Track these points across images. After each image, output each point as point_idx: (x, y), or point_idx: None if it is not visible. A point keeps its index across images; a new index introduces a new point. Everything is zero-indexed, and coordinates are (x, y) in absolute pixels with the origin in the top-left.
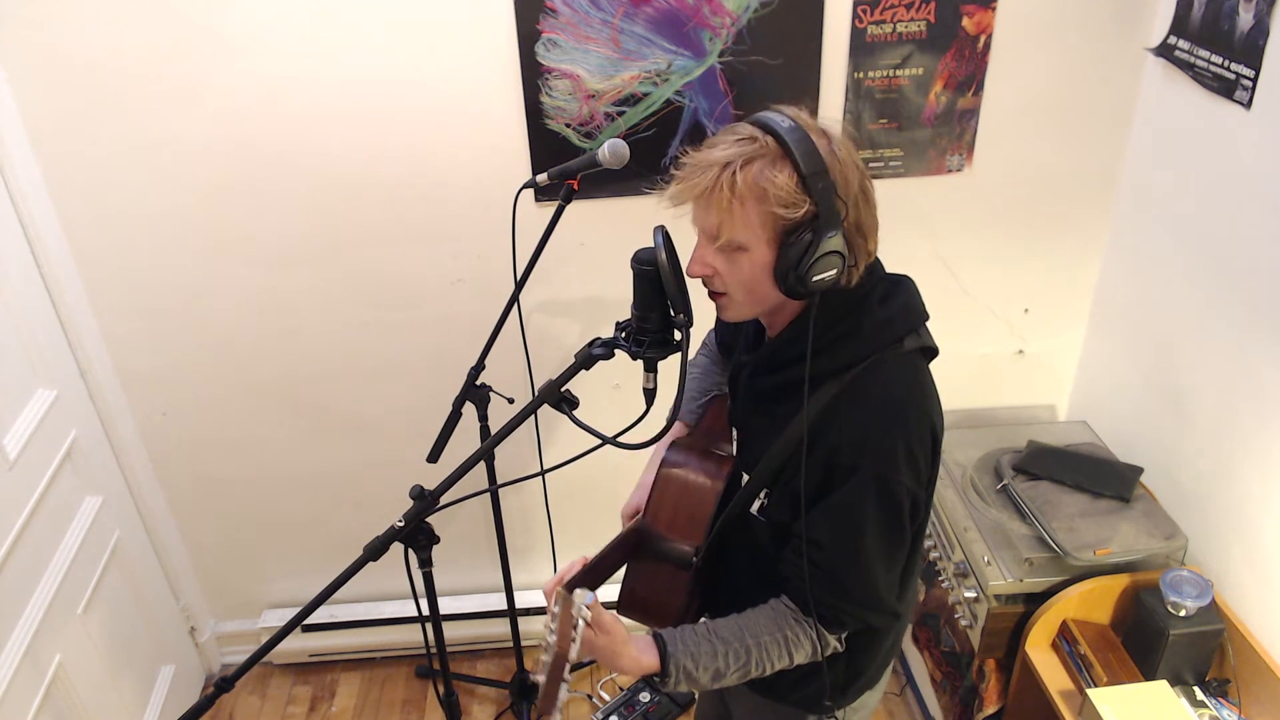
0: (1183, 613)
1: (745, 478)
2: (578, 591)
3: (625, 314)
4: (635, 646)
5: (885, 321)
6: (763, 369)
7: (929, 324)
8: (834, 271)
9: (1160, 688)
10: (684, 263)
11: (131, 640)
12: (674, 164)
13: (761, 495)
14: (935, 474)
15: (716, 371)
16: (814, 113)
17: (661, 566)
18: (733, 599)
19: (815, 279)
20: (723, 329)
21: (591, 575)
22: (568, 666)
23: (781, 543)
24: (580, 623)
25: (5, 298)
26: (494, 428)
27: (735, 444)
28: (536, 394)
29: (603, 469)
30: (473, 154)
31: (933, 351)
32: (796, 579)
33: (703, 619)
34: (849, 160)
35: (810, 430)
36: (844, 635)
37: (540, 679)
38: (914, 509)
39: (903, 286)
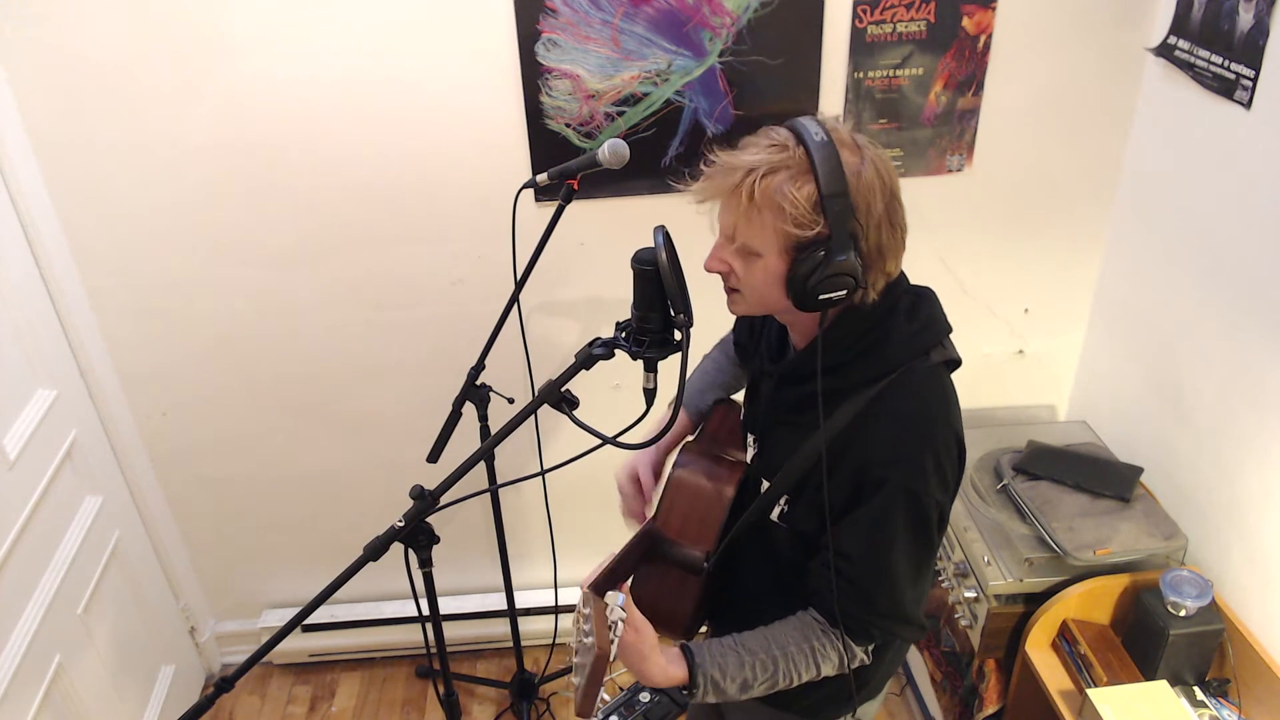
0: (1183, 613)
1: (764, 484)
2: (610, 594)
3: (625, 314)
4: (664, 656)
5: (913, 335)
6: (789, 380)
7: (951, 334)
8: (844, 291)
9: (1160, 688)
10: (684, 261)
11: (131, 640)
12: (676, 159)
13: (782, 502)
14: (959, 483)
15: (729, 370)
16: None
17: (671, 571)
18: (747, 604)
19: (823, 297)
20: (741, 330)
21: (610, 579)
22: (609, 666)
23: (802, 550)
24: (619, 623)
25: (5, 298)
26: (494, 428)
27: (754, 450)
28: (536, 394)
29: (603, 469)
30: (473, 154)
31: (956, 363)
32: (824, 591)
33: (703, 629)
34: (875, 183)
35: (838, 442)
36: (871, 648)
37: (577, 680)
38: (941, 520)
39: (926, 299)
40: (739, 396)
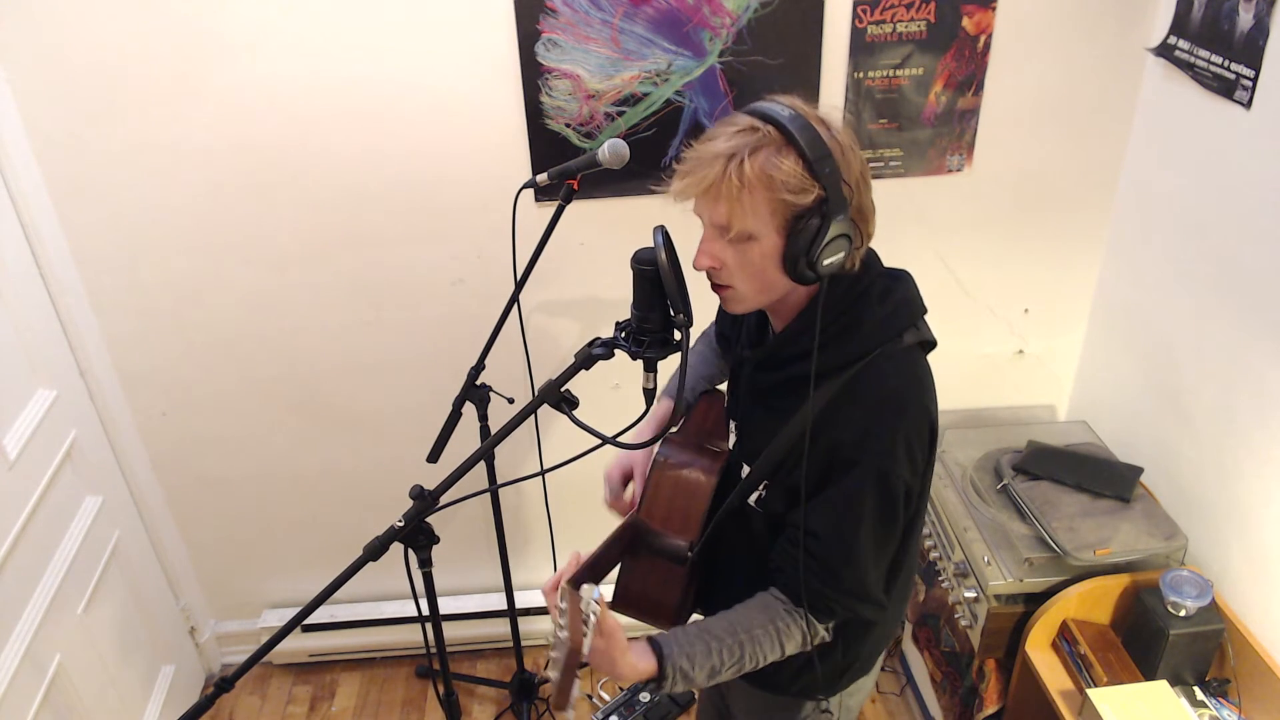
0: (1183, 613)
1: (745, 470)
2: (585, 587)
3: (625, 314)
4: (633, 653)
5: (885, 318)
6: (766, 365)
7: (926, 315)
8: (842, 255)
9: (1160, 688)
10: (684, 261)
11: (131, 640)
12: (676, 159)
13: (760, 487)
14: (931, 464)
15: (714, 361)
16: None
17: (656, 562)
18: (730, 590)
19: (825, 263)
20: (723, 321)
21: (591, 572)
22: (581, 659)
23: (777, 532)
24: (591, 616)
25: (5, 298)
26: (494, 428)
27: (734, 436)
28: (536, 394)
29: (603, 469)
30: (473, 154)
31: (930, 344)
32: (789, 568)
33: (694, 616)
34: (849, 143)
35: (813, 426)
36: (831, 625)
37: (552, 675)
38: (908, 499)
39: (901, 281)
40: (723, 386)
